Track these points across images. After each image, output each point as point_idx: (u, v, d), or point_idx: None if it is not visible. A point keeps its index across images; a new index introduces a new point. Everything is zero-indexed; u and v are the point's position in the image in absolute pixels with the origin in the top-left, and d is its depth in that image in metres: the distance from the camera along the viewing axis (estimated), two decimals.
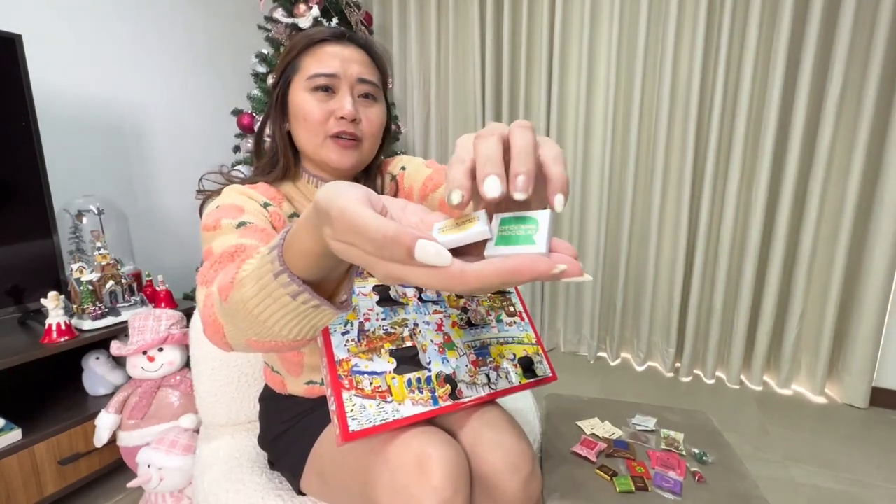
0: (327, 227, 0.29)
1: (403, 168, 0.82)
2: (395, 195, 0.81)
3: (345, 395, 0.58)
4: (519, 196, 0.27)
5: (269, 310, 0.38)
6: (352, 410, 0.57)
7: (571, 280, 0.26)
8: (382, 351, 0.63)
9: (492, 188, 0.26)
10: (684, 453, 0.90)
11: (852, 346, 1.81)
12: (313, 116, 0.69)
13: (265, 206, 0.67)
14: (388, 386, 0.61)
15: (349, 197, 0.28)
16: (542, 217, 0.27)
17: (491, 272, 0.25)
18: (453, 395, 0.65)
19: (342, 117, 0.68)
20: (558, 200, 0.28)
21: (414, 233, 0.25)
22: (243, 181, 0.74)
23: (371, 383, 0.60)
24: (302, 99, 0.69)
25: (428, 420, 0.66)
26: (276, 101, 0.73)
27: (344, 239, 0.28)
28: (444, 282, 0.26)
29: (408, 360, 0.65)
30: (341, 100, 0.69)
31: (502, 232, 0.28)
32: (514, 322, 0.81)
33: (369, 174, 0.81)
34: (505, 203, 0.30)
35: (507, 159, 0.29)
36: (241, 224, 0.58)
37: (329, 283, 0.39)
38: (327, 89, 0.69)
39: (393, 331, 0.66)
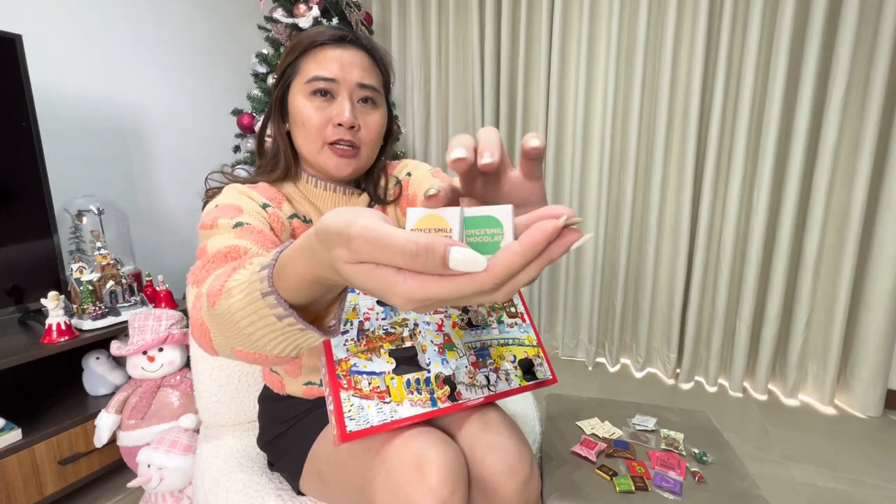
0: (340, 249, 0.27)
1: (409, 174, 0.81)
2: (398, 198, 0.81)
3: (343, 395, 0.58)
4: (486, 160, 0.30)
5: (254, 325, 0.38)
6: (350, 411, 0.57)
7: (577, 243, 0.26)
8: (382, 351, 0.63)
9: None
10: (684, 453, 0.90)
11: (863, 353, 1.76)
12: (311, 122, 0.68)
13: (264, 206, 0.66)
14: (387, 386, 0.61)
15: (368, 215, 0.27)
16: (503, 217, 0.27)
17: (513, 256, 0.24)
18: (452, 396, 0.65)
19: (340, 124, 0.68)
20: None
21: (446, 240, 0.24)
22: (245, 181, 0.74)
23: (370, 383, 0.60)
24: (301, 103, 0.69)
25: (426, 421, 0.66)
26: (275, 103, 0.73)
27: (368, 258, 0.26)
28: (474, 285, 0.25)
29: (407, 360, 0.65)
30: (340, 105, 0.68)
31: (470, 238, 0.28)
32: (516, 323, 0.81)
33: (371, 176, 0.81)
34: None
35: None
36: (238, 224, 0.58)
37: (319, 305, 0.39)
38: (326, 93, 0.69)
39: (393, 331, 0.66)
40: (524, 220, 0.27)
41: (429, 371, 0.65)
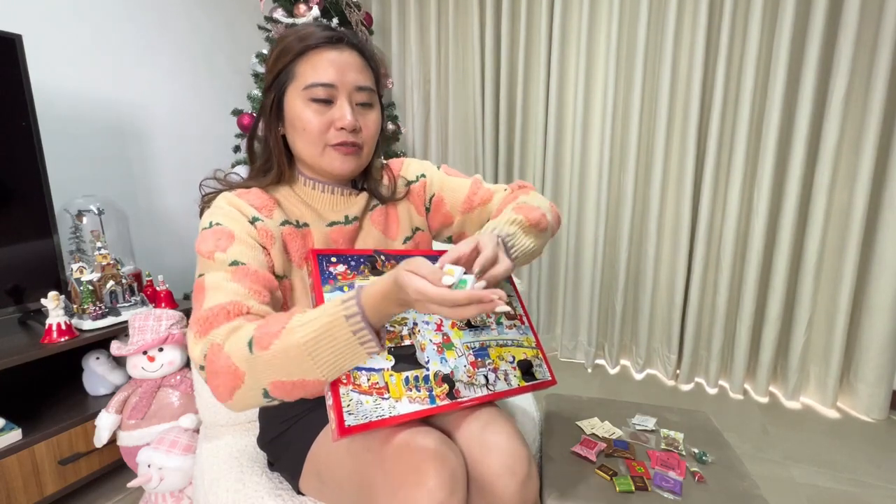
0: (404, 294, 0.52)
1: (423, 176, 0.84)
2: (406, 196, 0.84)
3: (342, 389, 0.58)
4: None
5: (324, 347, 0.53)
6: (348, 405, 0.57)
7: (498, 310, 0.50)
8: None
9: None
10: (684, 453, 0.90)
11: (867, 354, 1.74)
12: (312, 127, 0.68)
13: (253, 221, 0.67)
14: (386, 383, 0.61)
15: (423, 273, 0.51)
16: (469, 281, 0.53)
17: (460, 294, 0.49)
18: (451, 394, 0.65)
19: (342, 128, 0.68)
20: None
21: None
22: (238, 185, 0.73)
23: (368, 379, 0.60)
24: (299, 109, 0.68)
25: (425, 420, 0.66)
26: (271, 107, 0.71)
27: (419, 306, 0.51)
28: (442, 297, 0.49)
29: (406, 358, 0.65)
30: (340, 109, 0.68)
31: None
32: (515, 325, 0.81)
33: (369, 175, 0.81)
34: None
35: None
36: (234, 263, 0.62)
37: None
38: (326, 99, 0.68)
39: (392, 329, 0.66)
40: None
41: (427, 369, 0.66)
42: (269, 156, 0.74)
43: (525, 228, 0.69)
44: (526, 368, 0.77)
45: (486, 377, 0.71)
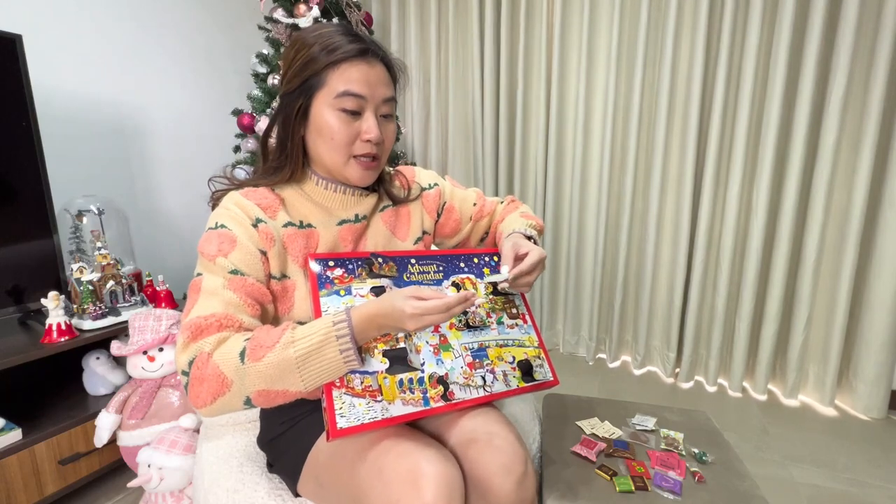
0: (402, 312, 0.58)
1: (436, 185, 0.90)
2: (419, 200, 0.88)
3: (335, 392, 0.59)
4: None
5: (312, 362, 0.56)
6: (341, 408, 0.58)
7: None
8: (375, 351, 0.64)
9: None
10: (684, 453, 0.90)
11: (867, 353, 1.73)
12: (340, 136, 0.68)
13: (256, 224, 0.67)
14: (379, 385, 0.62)
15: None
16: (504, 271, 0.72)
17: (457, 298, 0.60)
18: (445, 396, 0.65)
19: (368, 140, 0.69)
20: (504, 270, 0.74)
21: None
22: (245, 183, 0.74)
23: (362, 382, 0.61)
24: (327, 116, 0.68)
25: (421, 420, 0.66)
26: (297, 110, 0.70)
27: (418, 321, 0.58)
28: (442, 304, 0.59)
29: (401, 360, 0.65)
30: (367, 122, 0.69)
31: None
32: (516, 324, 0.81)
33: (381, 178, 0.82)
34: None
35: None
36: (234, 272, 0.63)
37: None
38: (354, 111, 0.69)
39: (387, 332, 0.66)
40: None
41: (422, 371, 0.66)
42: (284, 155, 0.73)
43: (535, 230, 0.86)
44: (526, 369, 0.76)
45: (483, 378, 0.71)
